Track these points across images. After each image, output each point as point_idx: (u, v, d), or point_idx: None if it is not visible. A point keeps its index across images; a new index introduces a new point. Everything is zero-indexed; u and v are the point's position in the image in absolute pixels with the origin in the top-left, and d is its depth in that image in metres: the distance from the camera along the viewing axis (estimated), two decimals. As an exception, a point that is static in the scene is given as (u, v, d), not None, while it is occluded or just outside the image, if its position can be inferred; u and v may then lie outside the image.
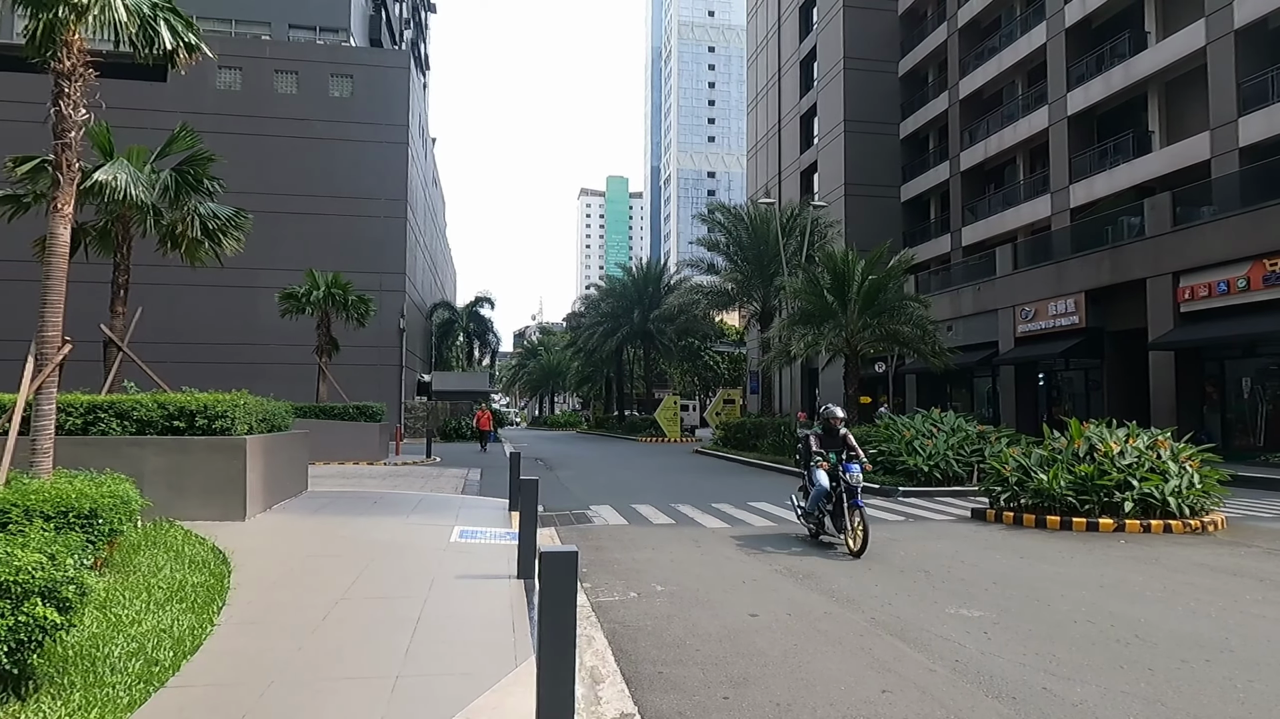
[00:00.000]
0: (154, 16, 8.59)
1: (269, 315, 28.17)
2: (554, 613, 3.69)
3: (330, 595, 6.68)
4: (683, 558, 9.22)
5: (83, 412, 10.48)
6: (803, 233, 30.05)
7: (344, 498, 13.56)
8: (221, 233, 13.02)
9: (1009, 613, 6.71)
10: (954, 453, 15.55)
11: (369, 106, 37.23)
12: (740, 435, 26.95)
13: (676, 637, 6.04)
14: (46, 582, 4.36)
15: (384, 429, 23.89)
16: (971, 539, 10.46)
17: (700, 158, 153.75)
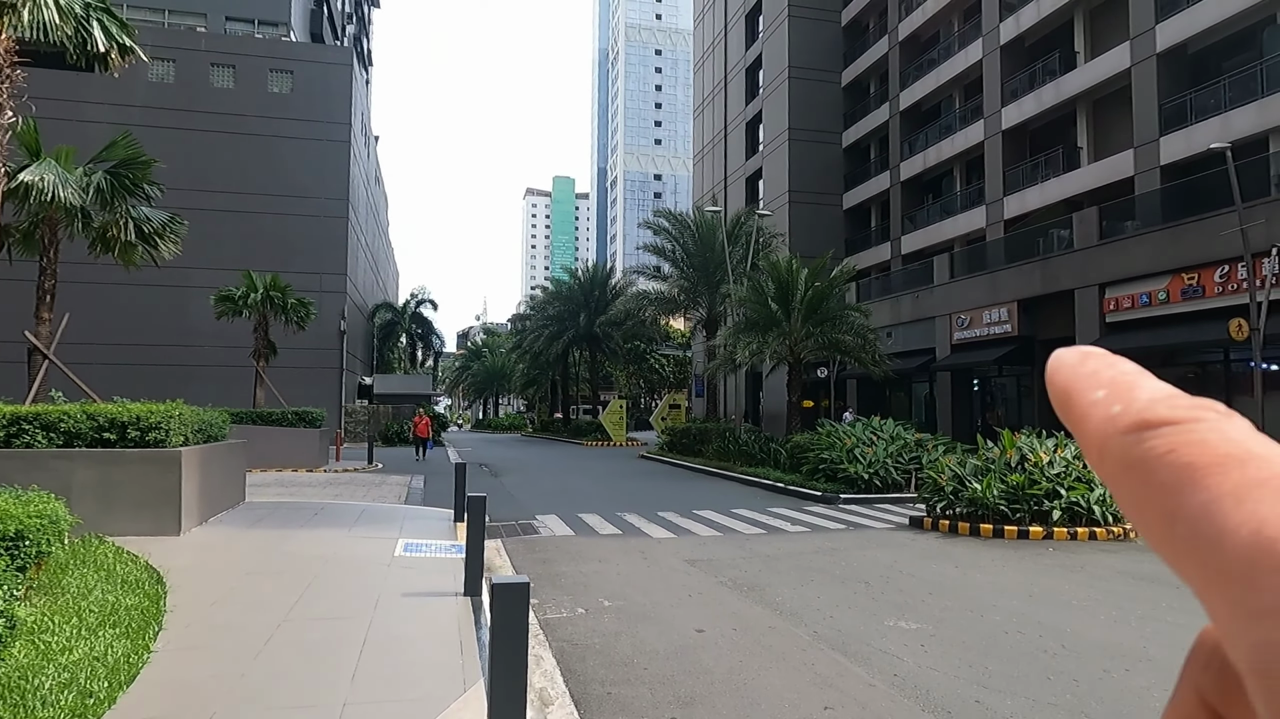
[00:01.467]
0: (87, 17, 8.32)
1: (203, 317, 27.40)
2: (505, 645, 3.72)
3: (272, 616, 6.56)
4: (630, 571, 9.29)
5: (5, 423, 10.05)
6: (748, 240, 30.45)
7: (283, 509, 13.27)
8: (158, 236, 12.63)
9: (944, 624, 6.95)
10: (893, 460, 15.97)
11: (310, 103, 36.41)
12: (686, 440, 27.17)
13: (624, 654, 6.11)
14: (-26, 616, 4.21)
15: (324, 435, 23.41)
16: (909, 548, 10.78)
17: (647, 160, 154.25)
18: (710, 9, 50.95)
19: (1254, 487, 0.25)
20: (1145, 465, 0.28)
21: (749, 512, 14.17)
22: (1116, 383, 0.31)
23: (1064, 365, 0.34)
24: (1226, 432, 0.28)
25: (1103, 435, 0.30)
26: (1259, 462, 0.26)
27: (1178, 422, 0.28)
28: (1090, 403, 0.31)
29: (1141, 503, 0.28)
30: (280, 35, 39.15)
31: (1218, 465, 0.26)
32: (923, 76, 34.17)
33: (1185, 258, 20.39)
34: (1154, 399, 0.30)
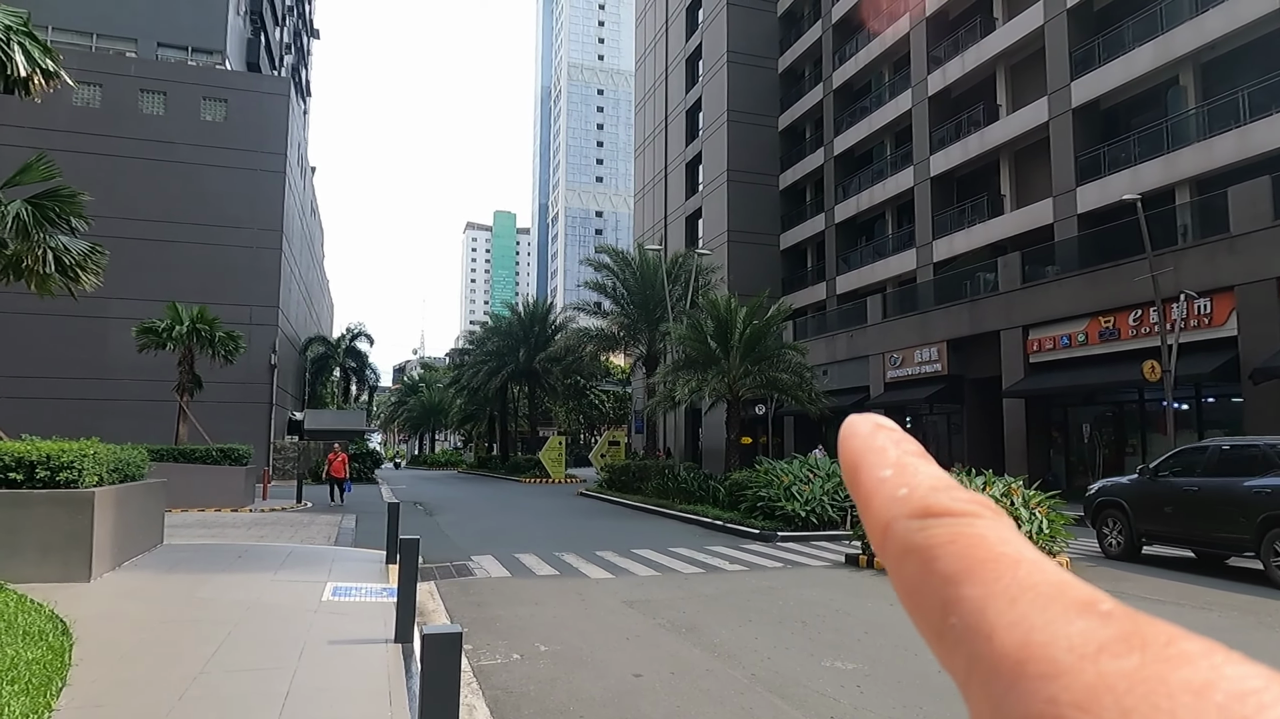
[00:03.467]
0: (8, 41, 8.02)
1: (123, 350, 26.31)
2: (436, 698, 3.59)
3: (188, 669, 6.22)
4: (566, 613, 9.13)
5: (-101, 463, 9.41)
6: (688, 279, 30.81)
7: (204, 551, 12.69)
8: (79, 268, 12.11)
9: (880, 663, 6.99)
10: (829, 498, 16.15)
11: (244, 132, 35.69)
12: (625, 478, 27.05)
13: (560, 702, 5.97)
14: None
15: (250, 472, 22.56)
16: (845, 586, 10.87)
17: (588, 196, 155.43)
18: (651, 52, 52.02)
19: (1025, 589, 0.26)
20: (927, 551, 0.28)
21: (688, 550, 14.12)
22: (902, 464, 0.32)
23: (856, 435, 0.34)
24: (1002, 531, 0.29)
25: (888, 515, 0.30)
26: (1030, 565, 0.27)
27: (959, 514, 0.29)
28: (877, 480, 0.32)
29: (919, 588, 0.28)
30: (215, 63, 38.42)
31: (993, 562, 0.27)
32: (856, 123, 35.38)
33: (1102, 302, 21.38)
34: (936, 487, 0.31)
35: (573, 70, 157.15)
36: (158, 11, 37.56)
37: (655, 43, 51.34)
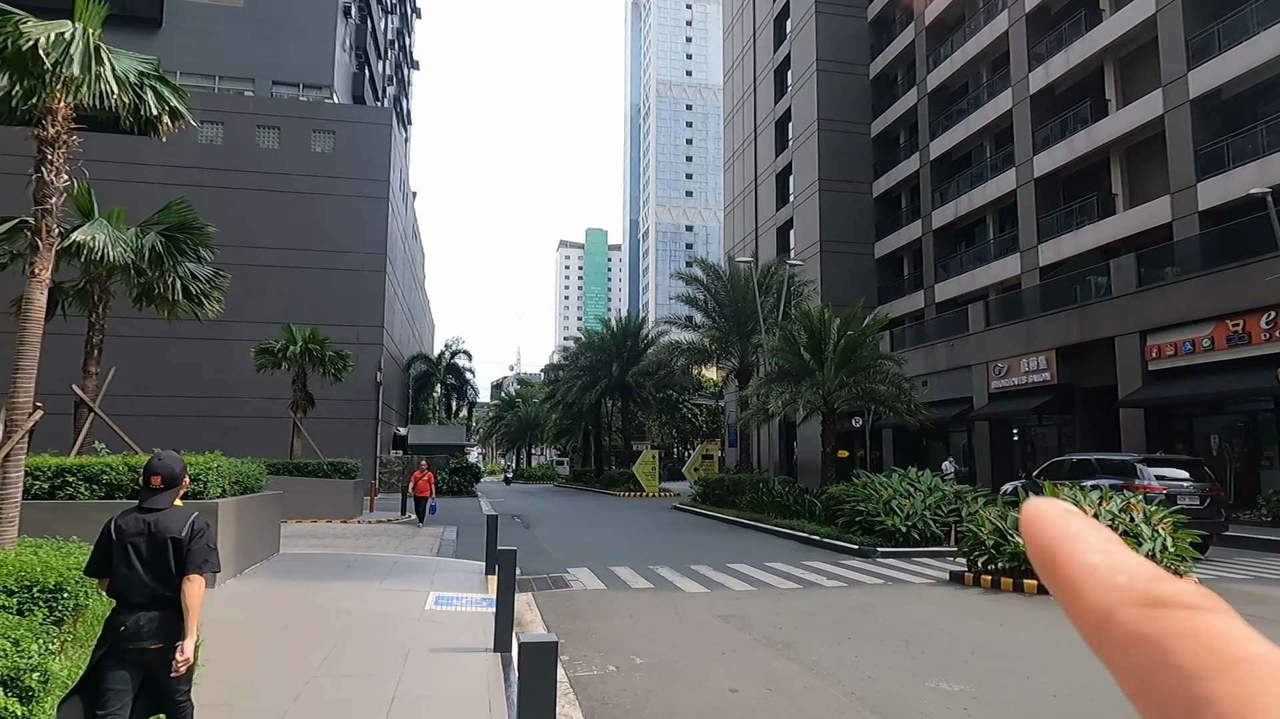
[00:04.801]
0: (141, 85, 8.70)
1: (243, 369, 27.96)
2: (533, 707, 3.65)
3: (302, 673, 6.53)
4: (661, 627, 9.12)
5: (50, 475, 10.27)
6: (779, 290, 30.48)
7: (317, 561, 13.31)
8: (204, 295, 13.00)
9: (989, 687, 6.69)
10: (931, 513, 15.60)
11: (351, 161, 37.55)
12: (719, 492, 26.87)
13: (656, 715, 5.96)
14: (9, 670, 4.25)
15: (358, 485, 23.57)
16: (950, 604, 10.46)
17: (678, 211, 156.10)
18: (739, 64, 51.94)
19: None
20: (1163, 643, 0.27)
21: (783, 565, 13.89)
22: (1109, 550, 0.31)
23: (1046, 519, 0.33)
24: (1240, 626, 0.27)
25: (1107, 603, 0.29)
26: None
27: (1191, 606, 0.28)
28: (1085, 566, 0.31)
29: (1154, 679, 0.27)
30: (324, 98, 40.61)
31: (1245, 661, 0.26)
32: (952, 126, 34.31)
33: (1228, 304, 19.96)
34: (1158, 576, 0.30)
35: (661, 87, 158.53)
36: (272, 52, 40.03)
37: (743, 55, 51.26)
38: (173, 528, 3.85)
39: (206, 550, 3.91)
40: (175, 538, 3.83)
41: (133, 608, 3.79)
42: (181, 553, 3.82)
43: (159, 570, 3.80)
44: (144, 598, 3.79)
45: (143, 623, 3.75)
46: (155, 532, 3.83)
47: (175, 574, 3.81)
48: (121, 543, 3.82)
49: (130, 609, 3.78)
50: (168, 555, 3.81)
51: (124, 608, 3.80)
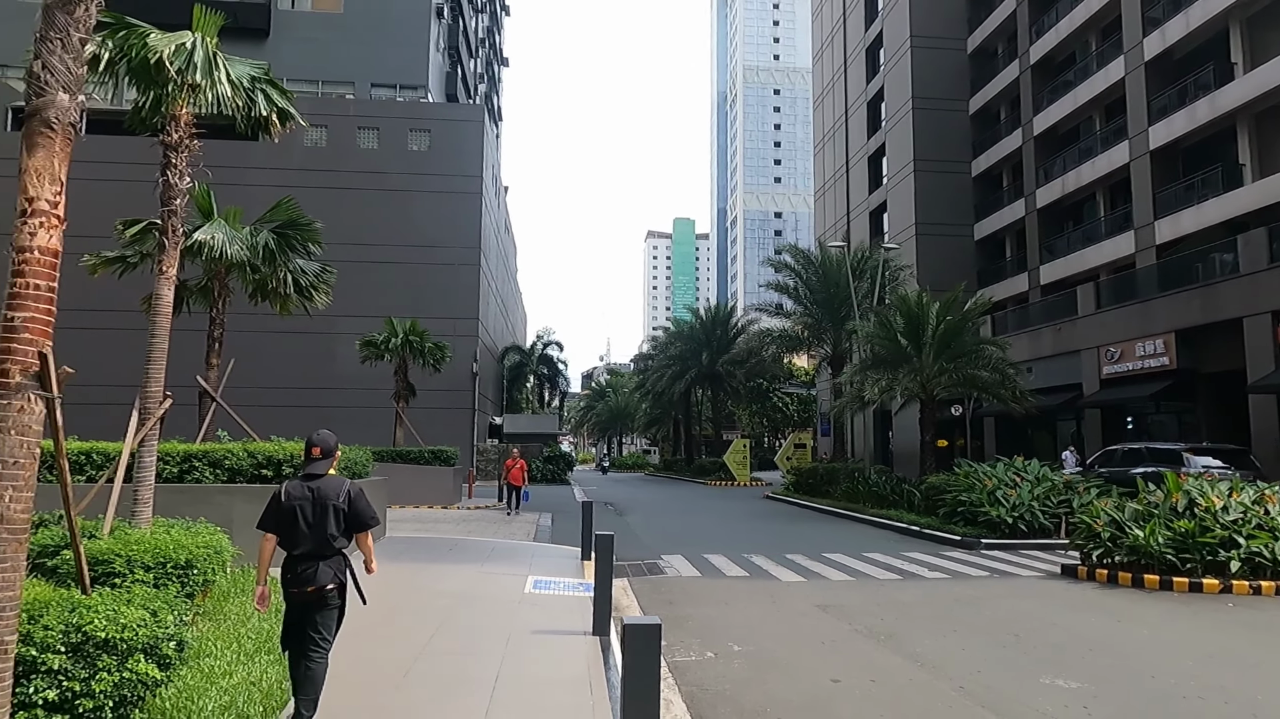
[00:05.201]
0: (253, 89, 9.14)
1: (348, 361, 29.14)
2: (637, 686, 3.66)
3: (410, 650, 6.77)
4: (757, 615, 9.04)
5: (179, 460, 10.97)
6: (873, 275, 29.67)
7: (420, 543, 13.79)
8: (312, 288, 13.62)
9: (1109, 684, 6.35)
10: (1039, 504, 14.92)
11: (445, 159, 38.58)
12: (812, 481, 26.45)
13: (756, 703, 5.91)
14: (149, 638, 4.55)
15: (457, 473, 24.28)
16: (1063, 599, 9.98)
17: (767, 198, 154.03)
18: (829, 45, 50.72)
19: None
20: None
21: (882, 555, 13.56)
22: None
23: None
24: None
25: None
26: None
27: None
28: None
29: None
30: (419, 98, 41.83)
31: None
32: (1058, 99, 32.57)
33: (1377, 280, 18.28)
34: None
35: (748, 73, 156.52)
36: (370, 56, 41.45)
37: (832, 35, 50.01)
38: (331, 495, 4.72)
39: (368, 511, 4.89)
40: (335, 505, 4.70)
41: (298, 558, 4.69)
42: (342, 517, 4.74)
43: (320, 529, 4.66)
44: (307, 550, 4.66)
45: (304, 570, 4.66)
46: (318, 498, 4.70)
47: (337, 533, 4.71)
48: (290, 505, 4.69)
49: (296, 559, 4.69)
50: (328, 518, 4.67)
51: (291, 558, 4.71)
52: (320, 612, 4.74)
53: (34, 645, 4.26)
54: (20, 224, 4.24)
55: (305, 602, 4.71)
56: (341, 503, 4.72)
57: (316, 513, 4.68)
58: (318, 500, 4.70)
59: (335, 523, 4.70)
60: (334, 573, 4.73)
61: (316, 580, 4.66)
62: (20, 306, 4.16)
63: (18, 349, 4.12)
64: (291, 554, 4.71)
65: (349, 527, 4.80)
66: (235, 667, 6.08)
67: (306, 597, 4.70)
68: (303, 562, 4.67)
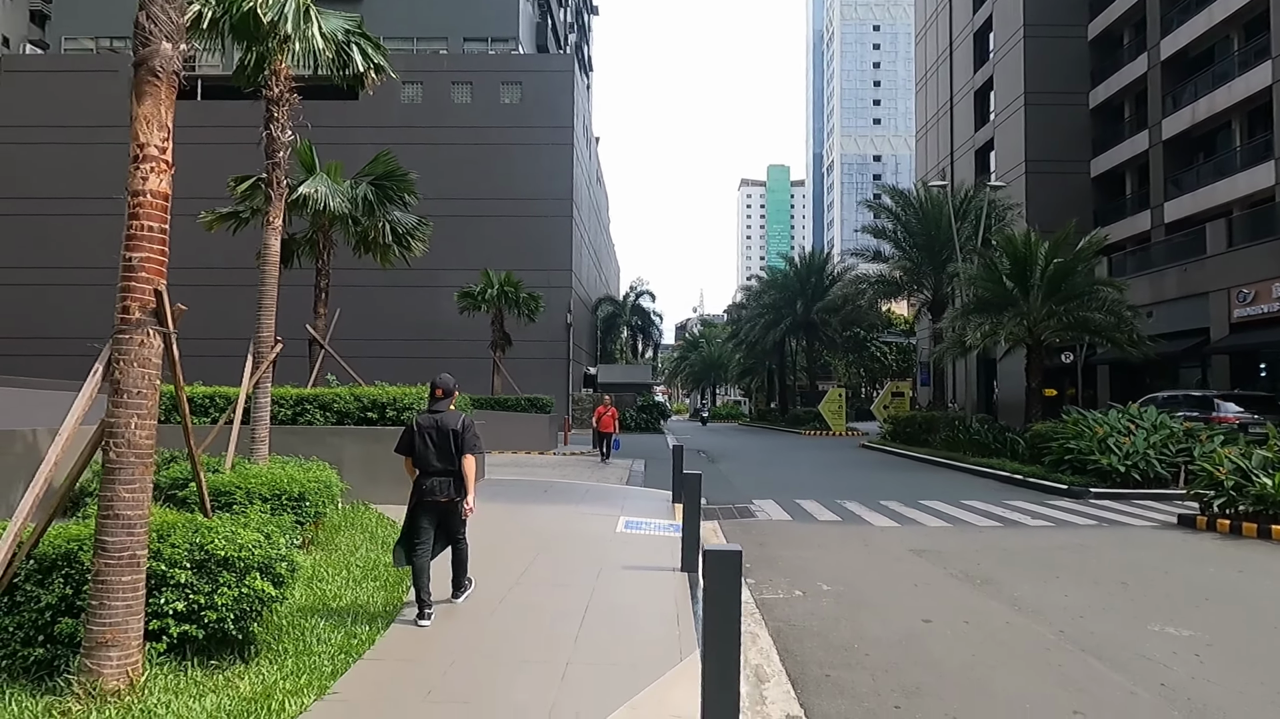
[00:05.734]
0: (347, 42, 9.36)
1: (448, 312, 30.00)
2: (719, 611, 3.69)
3: (506, 581, 7.03)
4: (849, 557, 8.96)
5: (292, 404, 11.62)
6: (978, 216, 28.27)
7: (518, 485, 14.24)
8: (410, 237, 14.03)
9: (1226, 634, 6.01)
10: (1155, 452, 14.10)
11: (536, 111, 38.74)
12: (910, 430, 25.81)
13: (844, 639, 5.88)
14: (263, 558, 4.88)
15: (553, 420, 24.86)
16: (1179, 549, 9.46)
17: (865, 141, 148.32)
18: (933, -27, 47.86)
19: None
20: None
21: (981, 503, 13.16)
22: None
23: None
24: None
25: None
26: None
27: None
28: None
29: None
30: (510, 50, 41.97)
31: None
32: (1189, 18, 29.83)
33: None
34: None
35: (845, 9, 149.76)
36: (462, 10, 41.76)
37: (937, -37, 47.13)
38: (451, 423, 5.88)
39: (475, 439, 5.99)
40: (455, 430, 5.86)
41: (428, 474, 5.86)
42: (459, 441, 5.84)
43: (444, 451, 5.84)
44: (436, 468, 5.83)
45: (436, 485, 5.84)
46: (440, 426, 5.88)
47: (455, 455, 5.82)
48: (421, 433, 5.88)
49: (427, 475, 5.86)
50: (449, 442, 5.83)
51: (423, 475, 5.88)
52: (452, 515, 5.97)
53: (163, 561, 4.63)
54: (133, 169, 4.51)
55: (439, 508, 5.91)
56: (459, 430, 5.88)
57: (441, 439, 5.84)
58: (441, 429, 5.86)
59: (456, 447, 5.85)
60: (457, 485, 5.90)
61: (446, 492, 5.85)
62: (136, 247, 4.44)
63: (136, 287, 4.41)
64: (424, 471, 5.88)
65: (461, 450, 5.88)
66: (344, 591, 6.47)
67: (440, 505, 5.90)
68: (433, 477, 5.84)
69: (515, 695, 4.40)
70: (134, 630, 4.25)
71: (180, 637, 4.60)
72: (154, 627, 4.53)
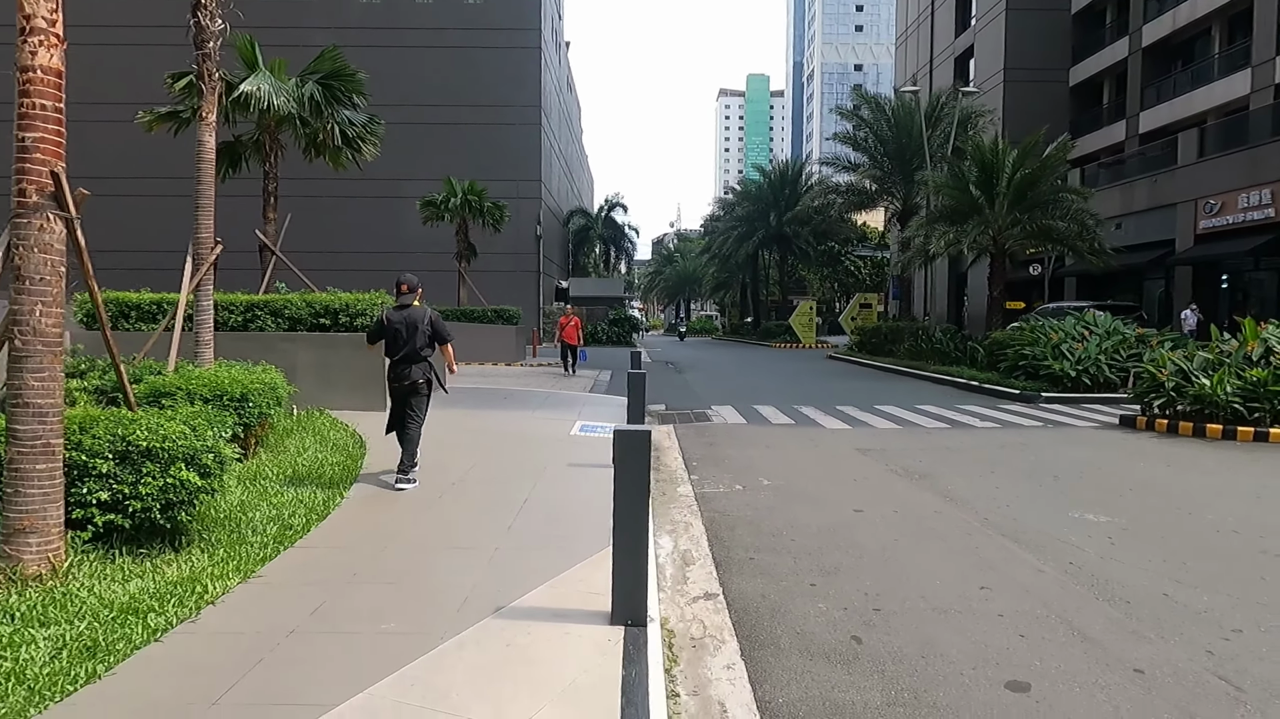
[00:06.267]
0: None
1: (412, 225, 29.42)
2: (627, 491, 3.75)
3: (449, 478, 7.11)
4: (797, 457, 9.13)
5: (242, 310, 11.45)
6: (950, 124, 27.87)
7: (477, 393, 14.26)
8: (360, 139, 13.60)
9: (1142, 520, 6.24)
10: (1107, 358, 14.37)
11: (502, 13, 37.16)
12: (875, 340, 26.06)
13: (775, 527, 6.04)
14: (188, 450, 4.86)
15: (520, 332, 24.77)
16: (1115, 446, 9.74)
17: (846, 49, 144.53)
18: None
19: None
20: None
21: (935, 408, 13.41)
22: None
23: None
24: None
25: None
26: None
27: None
28: None
29: None
30: (474, -54, 39.88)
31: None
32: (1176, -83, 28.90)
33: None
34: None
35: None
36: (422, -99, 39.45)
37: None
38: (418, 317, 6.71)
39: (445, 330, 6.95)
40: (421, 326, 6.68)
41: (398, 363, 6.71)
42: (427, 335, 6.70)
43: (411, 343, 6.64)
44: (405, 355, 6.67)
45: (406, 370, 6.69)
46: (409, 320, 6.68)
47: (423, 346, 6.67)
48: (391, 326, 6.71)
49: (397, 364, 6.72)
50: (416, 334, 6.65)
51: (395, 364, 6.74)
52: (414, 397, 6.80)
53: (84, 452, 4.60)
54: (20, 43, 4.25)
55: (404, 392, 6.76)
56: (426, 325, 6.70)
57: (408, 331, 6.64)
58: (409, 323, 6.66)
59: (422, 338, 6.66)
60: (422, 372, 6.73)
61: (411, 377, 6.69)
62: (29, 127, 4.23)
63: (31, 169, 4.22)
64: (393, 360, 6.72)
65: (433, 340, 6.75)
66: (285, 489, 6.51)
67: (404, 389, 6.74)
68: (401, 365, 6.69)
69: (438, 578, 4.49)
70: (53, 518, 4.25)
71: (106, 526, 4.62)
72: (77, 515, 4.53)
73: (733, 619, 4.23)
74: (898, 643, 3.90)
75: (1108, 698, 3.35)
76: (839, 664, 3.68)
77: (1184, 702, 3.32)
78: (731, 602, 4.48)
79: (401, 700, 3.04)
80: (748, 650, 3.84)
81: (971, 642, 3.91)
